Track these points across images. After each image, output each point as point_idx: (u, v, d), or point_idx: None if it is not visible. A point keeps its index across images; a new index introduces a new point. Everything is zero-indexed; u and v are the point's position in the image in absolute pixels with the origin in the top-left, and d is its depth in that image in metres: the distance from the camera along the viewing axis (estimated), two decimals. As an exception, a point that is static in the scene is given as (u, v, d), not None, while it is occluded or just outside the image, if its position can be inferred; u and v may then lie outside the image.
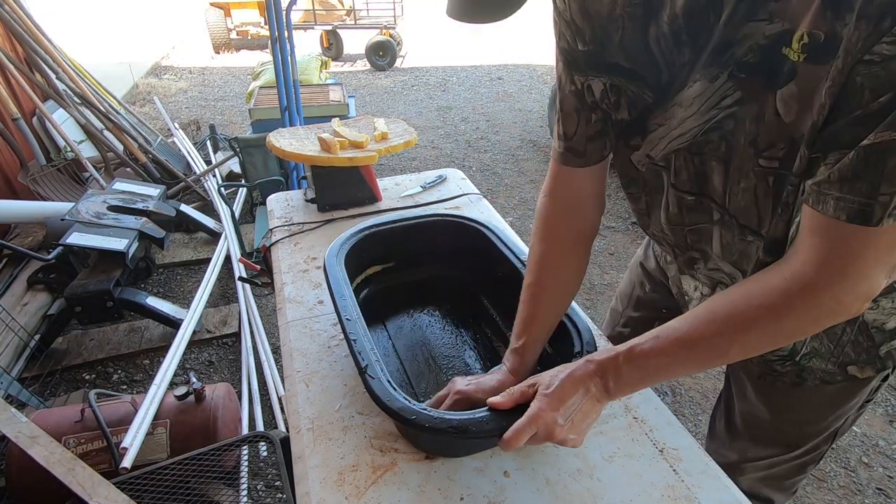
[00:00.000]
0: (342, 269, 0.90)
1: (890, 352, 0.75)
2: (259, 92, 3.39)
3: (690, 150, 0.64)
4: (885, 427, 1.88)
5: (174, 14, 7.81)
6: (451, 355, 0.95)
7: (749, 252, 0.67)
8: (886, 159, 0.45)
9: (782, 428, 0.88)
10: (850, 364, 0.76)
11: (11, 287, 2.25)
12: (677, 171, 0.68)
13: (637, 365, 0.61)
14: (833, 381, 0.78)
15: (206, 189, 3.22)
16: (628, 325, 1.13)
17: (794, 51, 0.48)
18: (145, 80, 6.06)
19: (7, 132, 2.70)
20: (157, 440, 1.42)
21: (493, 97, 5.63)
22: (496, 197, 3.54)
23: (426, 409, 0.66)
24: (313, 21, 7.19)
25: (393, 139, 1.42)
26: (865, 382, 0.79)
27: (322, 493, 0.68)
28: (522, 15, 0.71)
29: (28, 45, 2.98)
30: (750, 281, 0.59)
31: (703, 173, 0.65)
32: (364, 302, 1.02)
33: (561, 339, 0.80)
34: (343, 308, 0.81)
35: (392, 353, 0.95)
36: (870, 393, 0.83)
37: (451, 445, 0.73)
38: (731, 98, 0.56)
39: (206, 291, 2.28)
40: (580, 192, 0.79)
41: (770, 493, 0.98)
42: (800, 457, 0.91)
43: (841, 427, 0.87)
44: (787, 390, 0.82)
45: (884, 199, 0.46)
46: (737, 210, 0.64)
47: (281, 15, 2.54)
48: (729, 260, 0.71)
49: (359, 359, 0.73)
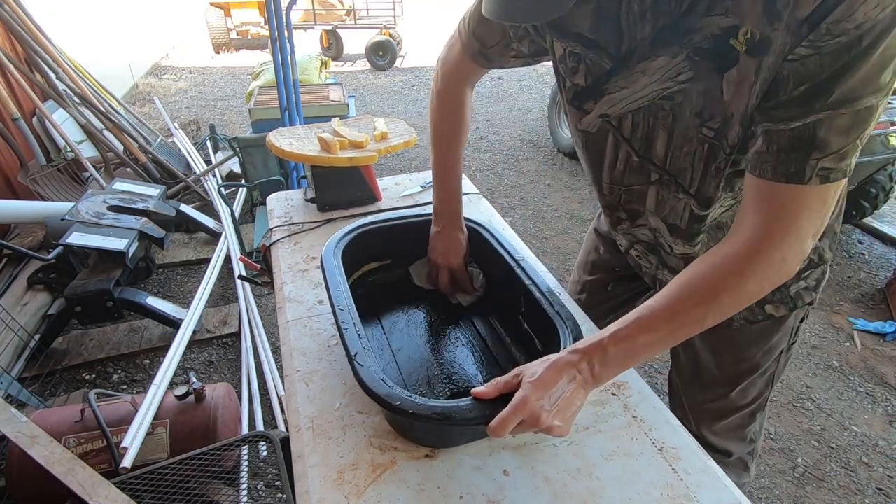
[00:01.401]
0: (338, 262, 0.92)
1: (798, 292, 0.89)
2: (259, 92, 3.39)
3: (649, 110, 0.74)
4: (885, 427, 1.88)
5: (174, 14, 7.81)
6: (444, 351, 0.96)
7: (678, 208, 0.81)
8: (815, 134, 0.57)
9: (722, 367, 1.00)
10: (766, 304, 0.89)
11: (11, 287, 2.26)
12: (634, 127, 0.78)
13: (623, 347, 0.64)
14: (755, 320, 0.91)
15: (206, 189, 3.22)
16: (584, 291, 1.23)
17: (740, 43, 0.59)
18: (145, 79, 6.06)
19: (7, 132, 2.70)
20: (157, 440, 1.42)
21: (493, 97, 5.64)
22: (496, 197, 3.54)
23: (411, 397, 0.67)
24: (313, 21, 7.20)
25: (393, 139, 1.42)
26: (782, 321, 0.92)
27: (322, 492, 0.68)
28: (522, 15, 0.73)
29: (28, 45, 2.98)
30: (711, 254, 0.66)
31: (650, 137, 0.76)
32: (361, 298, 1.03)
33: (550, 338, 0.81)
34: (336, 298, 0.83)
35: (386, 346, 0.96)
36: (792, 334, 0.95)
37: (441, 434, 0.74)
38: (684, 76, 0.67)
39: (206, 291, 2.28)
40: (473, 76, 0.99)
41: (728, 445, 1.09)
42: (747, 405, 1.03)
43: (776, 370, 1.00)
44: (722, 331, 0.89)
45: (812, 162, 0.58)
46: (676, 170, 0.76)
47: (281, 15, 2.54)
48: (660, 215, 0.84)
49: (348, 346, 0.74)
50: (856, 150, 0.58)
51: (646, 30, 0.67)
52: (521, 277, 0.91)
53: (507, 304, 0.97)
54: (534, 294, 0.87)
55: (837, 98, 0.54)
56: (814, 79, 0.55)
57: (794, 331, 0.96)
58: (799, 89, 0.57)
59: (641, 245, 0.94)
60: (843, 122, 0.56)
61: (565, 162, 4.04)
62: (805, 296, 0.90)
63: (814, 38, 0.53)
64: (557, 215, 3.32)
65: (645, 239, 0.92)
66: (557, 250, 2.95)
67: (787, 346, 0.97)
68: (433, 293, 1.08)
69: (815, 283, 0.89)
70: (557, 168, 3.96)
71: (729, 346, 0.98)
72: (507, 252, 0.97)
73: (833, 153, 0.57)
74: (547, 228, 3.17)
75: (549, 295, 0.86)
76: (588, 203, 3.45)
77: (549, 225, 3.21)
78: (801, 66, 0.55)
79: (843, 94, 0.54)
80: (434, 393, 0.87)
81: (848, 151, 0.57)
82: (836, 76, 0.54)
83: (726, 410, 1.04)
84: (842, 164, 0.58)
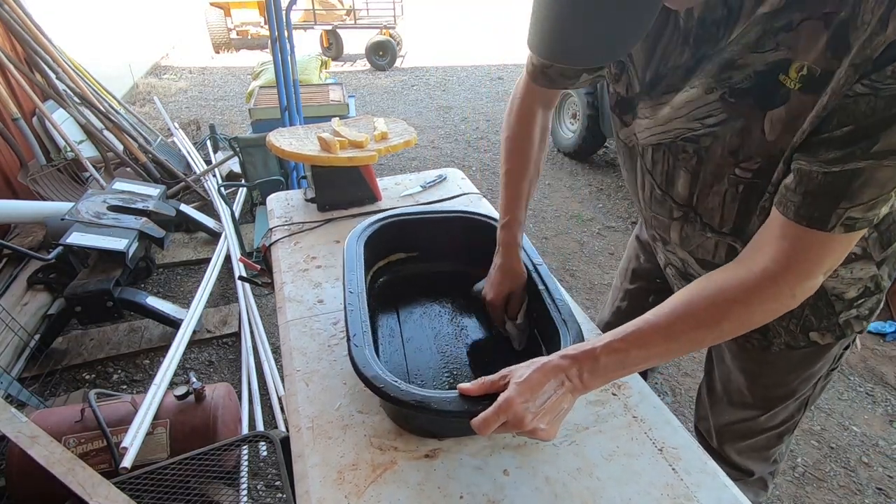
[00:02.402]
0: (360, 248, 0.95)
1: (849, 320, 0.81)
2: (259, 92, 3.39)
3: (670, 149, 0.71)
4: (885, 427, 1.88)
5: (174, 14, 7.81)
6: (452, 346, 0.98)
7: (707, 245, 0.77)
8: (850, 184, 0.54)
9: (755, 391, 0.94)
10: (811, 330, 0.82)
11: (11, 287, 2.25)
12: (654, 162, 0.75)
13: (615, 359, 0.64)
14: (797, 346, 0.85)
15: (206, 189, 3.22)
16: (626, 299, 1.19)
17: (792, 79, 0.55)
18: (145, 79, 6.06)
19: (7, 132, 2.70)
20: (157, 440, 1.42)
21: (493, 97, 5.64)
22: (496, 197, 3.53)
23: (396, 382, 0.69)
24: (313, 21, 7.20)
25: (393, 139, 1.42)
26: (827, 349, 0.86)
27: (322, 492, 0.68)
28: (522, 15, 0.72)
29: (28, 45, 2.98)
30: (721, 275, 0.64)
31: (672, 175, 0.73)
32: (382, 286, 1.08)
33: (553, 340, 0.81)
34: (349, 281, 0.86)
35: (397, 334, 0.99)
36: (833, 361, 0.89)
37: (432, 423, 0.76)
38: (714, 118, 0.63)
39: (206, 291, 2.28)
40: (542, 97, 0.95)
41: (751, 465, 1.04)
42: (776, 426, 0.97)
43: (811, 395, 0.93)
44: (758, 354, 0.88)
45: (840, 211, 0.55)
46: (703, 210, 0.73)
47: (281, 15, 2.54)
48: (686, 249, 0.81)
49: (349, 328, 0.76)
50: (887, 202, 0.55)
51: (683, 56, 0.64)
52: (535, 281, 0.92)
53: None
54: (544, 299, 0.88)
55: (882, 148, 0.51)
56: (862, 121, 0.52)
57: (837, 357, 0.89)
58: (843, 129, 0.53)
59: (673, 268, 0.91)
60: (883, 174, 0.52)
61: (565, 162, 4.04)
62: (855, 324, 0.82)
63: (876, 79, 0.50)
64: (557, 215, 3.32)
65: (676, 265, 0.89)
66: (557, 250, 2.95)
67: (826, 372, 0.90)
68: (452, 290, 1.10)
69: (867, 312, 0.82)
70: (557, 168, 3.96)
71: (765, 370, 0.91)
72: (527, 254, 0.98)
73: (862, 204, 0.54)
74: (547, 228, 3.17)
75: (559, 302, 0.86)
76: (588, 203, 3.44)
77: (549, 225, 3.21)
78: (853, 105, 0.52)
79: (888, 145, 0.51)
80: (432, 384, 0.88)
81: (878, 203, 0.54)
82: (885, 123, 0.50)
83: (753, 431, 0.99)
84: (869, 215, 0.55)
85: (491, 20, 10.44)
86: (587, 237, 3.07)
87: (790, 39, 0.54)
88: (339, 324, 0.97)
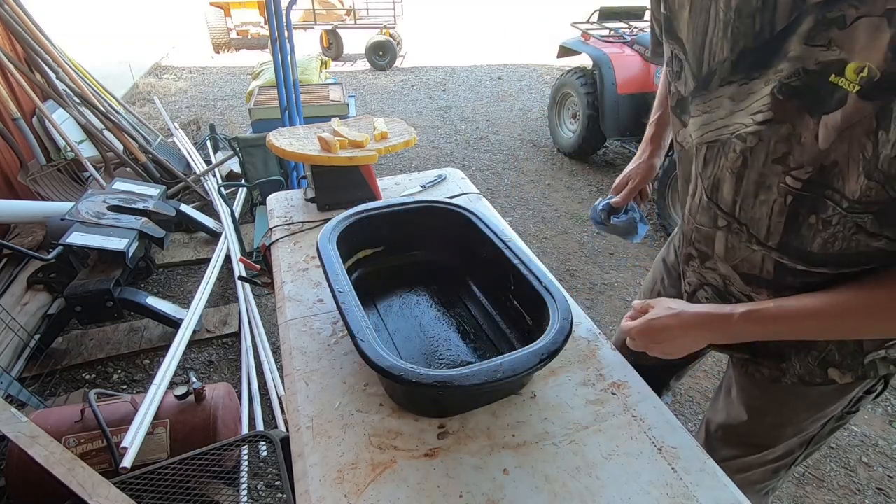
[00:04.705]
0: (334, 248, 0.95)
1: (875, 361, 0.74)
2: (259, 92, 3.39)
3: (722, 148, 0.68)
4: (885, 427, 1.88)
5: (174, 14, 7.80)
6: (438, 331, 1.00)
7: (753, 259, 0.71)
8: None
9: (756, 430, 0.89)
10: (831, 366, 0.76)
11: (11, 287, 2.26)
12: (706, 163, 0.72)
13: (753, 328, 0.68)
14: (812, 381, 0.78)
15: (206, 189, 3.22)
16: None
17: (850, 81, 0.50)
18: (145, 79, 6.06)
19: (7, 132, 2.70)
20: (157, 440, 1.42)
21: (493, 97, 5.64)
22: (496, 197, 3.54)
23: (413, 368, 0.71)
24: (313, 21, 7.20)
25: (393, 139, 1.42)
26: (845, 390, 0.79)
27: (321, 491, 0.68)
28: (522, 15, 0.72)
29: (28, 45, 2.98)
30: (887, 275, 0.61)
31: (718, 178, 0.70)
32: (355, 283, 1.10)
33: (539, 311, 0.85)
34: (335, 282, 0.86)
35: (383, 328, 1.00)
36: (850, 404, 0.82)
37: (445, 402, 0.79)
38: (762, 115, 0.59)
39: (206, 291, 2.28)
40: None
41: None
42: (773, 461, 0.91)
43: (817, 434, 0.86)
44: (766, 387, 0.83)
45: None
46: (749, 220, 0.68)
47: (281, 15, 2.54)
48: (731, 263, 0.75)
49: (351, 326, 0.77)
50: None
51: (724, 52, 0.62)
52: (509, 257, 0.95)
53: (496, 284, 1.01)
54: (522, 272, 0.91)
55: None
56: None
57: (856, 400, 0.81)
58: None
59: (710, 288, 0.83)
60: None
61: (565, 162, 4.04)
62: (881, 367, 0.75)
63: None
64: (557, 215, 3.32)
65: (714, 283, 0.82)
66: (557, 250, 2.95)
67: (840, 413, 0.83)
68: (426, 278, 1.12)
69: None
70: (557, 168, 3.95)
71: (772, 407, 0.85)
72: (495, 234, 1.00)
73: None
74: (547, 228, 3.17)
75: (537, 272, 0.90)
76: (588, 203, 3.44)
77: (549, 225, 3.21)
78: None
79: None
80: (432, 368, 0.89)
81: None
82: None
83: (749, 466, 0.93)
84: None
85: (491, 20, 10.45)
86: (587, 237, 3.07)
87: (844, 38, 0.50)
88: (339, 323, 0.97)
